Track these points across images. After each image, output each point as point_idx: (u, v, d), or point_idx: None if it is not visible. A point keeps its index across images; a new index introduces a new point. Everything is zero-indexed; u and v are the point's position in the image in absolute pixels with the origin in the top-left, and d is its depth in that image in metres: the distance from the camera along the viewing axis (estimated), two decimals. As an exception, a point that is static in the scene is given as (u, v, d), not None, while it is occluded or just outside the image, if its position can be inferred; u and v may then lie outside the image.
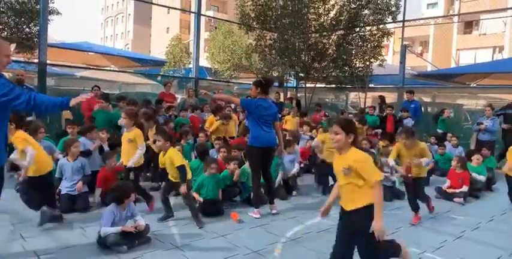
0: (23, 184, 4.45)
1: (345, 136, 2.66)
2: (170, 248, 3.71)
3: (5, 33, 8.83)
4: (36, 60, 8.89)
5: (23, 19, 8.76)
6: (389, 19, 11.80)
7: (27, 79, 10.85)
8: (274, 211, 4.94)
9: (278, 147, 5.06)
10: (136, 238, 3.69)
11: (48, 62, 9.01)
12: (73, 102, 2.96)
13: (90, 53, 14.75)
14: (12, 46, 9.44)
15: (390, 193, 6.04)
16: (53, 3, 9.01)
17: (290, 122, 8.85)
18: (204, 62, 18.36)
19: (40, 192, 4.17)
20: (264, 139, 4.76)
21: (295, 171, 6.26)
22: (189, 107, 8.85)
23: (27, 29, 8.93)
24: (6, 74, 10.86)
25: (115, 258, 3.44)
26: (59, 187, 4.88)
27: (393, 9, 11.51)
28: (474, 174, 6.48)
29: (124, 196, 3.76)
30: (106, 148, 5.90)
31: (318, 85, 13.45)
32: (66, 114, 8.30)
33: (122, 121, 5.06)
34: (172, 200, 5.46)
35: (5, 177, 3.74)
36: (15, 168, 5.35)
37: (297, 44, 12.27)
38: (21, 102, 2.80)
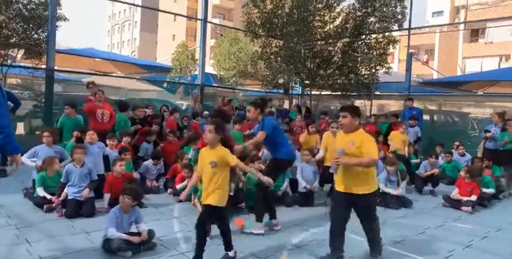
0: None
1: (214, 133, 3.37)
2: (175, 254, 3.68)
3: (13, 39, 8.88)
4: (44, 66, 8.96)
5: (31, 25, 8.79)
6: (395, 27, 11.79)
7: (34, 85, 10.99)
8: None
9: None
10: (141, 243, 3.67)
11: (55, 68, 9.09)
12: (17, 158, 3.03)
13: (96, 59, 14.84)
14: (21, 52, 9.52)
15: (396, 202, 5.99)
16: (61, 9, 9.09)
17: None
18: (209, 69, 18.45)
19: None
20: (292, 152, 4.83)
21: (317, 183, 6.02)
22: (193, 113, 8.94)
23: (35, 35, 8.96)
24: (14, 80, 11.02)
25: (120, 264, 3.43)
26: (65, 192, 4.88)
27: (399, 17, 11.49)
28: (484, 189, 6.42)
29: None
30: (114, 154, 5.93)
31: (323, 92, 13.43)
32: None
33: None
34: (178, 205, 5.47)
35: (11, 182, 3.75)
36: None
37: (302, 52, 12.28)
38: None
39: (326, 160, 6.04)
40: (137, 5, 16.97)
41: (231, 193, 4.71)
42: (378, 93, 13.00)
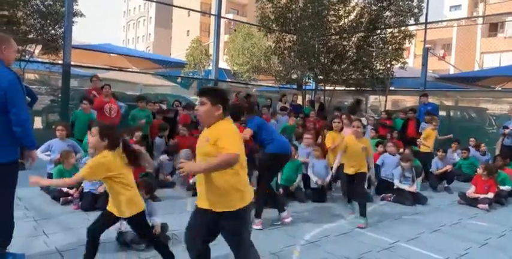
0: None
1: (98, 137, 2.96)
2: (188, 248, 3.71)
3: (31, 35, 9.02)
4: (60, 61, 9.09)
5: (48, 21, 8.90)
6: (411, 21, 11.59)
7: (51, 80, 11.17)
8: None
9: None
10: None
11: (71, 63, 9.21)
12: (32, 153, 3.15)
13: (112, 55, 15.00)
14: (38, 48, 9.67)
15: (411, 198, 5.92)
16: (77, 5, 9.20)
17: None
18: (223, 64, 18.47)
19: None
20: (284, 145, 4.69)
21: (330, 178, 5.93)
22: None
23: (52, 31, 9.08)
24: (32, 75, 11.21)
25: (134, 256, 3.47)
26: (82, 186, 4.97)
27: (415, 11, 11.28)
28: (500, 187, 6.31)
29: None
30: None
31: (337, 88, 13.31)
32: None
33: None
34: (191, 199, 5.51)
35: (28, 174, 3.81)
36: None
37: (316, 46, 12.18)
38: (14, 113, 2.91)
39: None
40: (152, 1, 17.06)
41: None
42: (393, 88, 12.83)
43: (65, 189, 5.01)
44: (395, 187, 6.12)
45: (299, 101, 12.64)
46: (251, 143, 4.62)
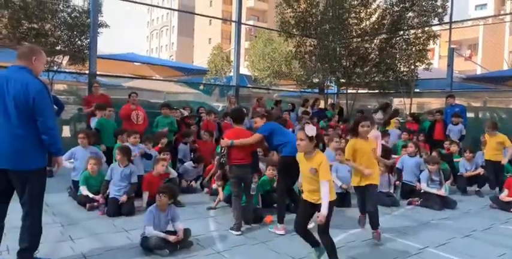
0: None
1: None
2: (211, 253, 3.71)
3: (59, 46, 9.33)
4: (86, 71, 9.35)
5: (75, 33, 9.21)
6: (435, 21, 11.33)
7: (79, 90, 11.51)
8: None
9: None
10: (178, 242, 3.72)
11: (97, 72, 9.47)
12: (59, 160, 3.23)
13: (136, 64, 15.35)
14: (66, 58, 10.01)
15: (440, 202, 5.73)
16: (102, 16, 9.48)
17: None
18: (244, 70, 18.57)
19: None
20: None
21: None
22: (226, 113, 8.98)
23: (78, 42, 9.37)
24: (61, 86, 11.57)
25: (157, 262, 3.49)
26: (108, 192, 5.05)
27: (439, 10, 11.03)
28: None
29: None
30: (154, 153, 6.14)
31: (360, 91, 13.13)
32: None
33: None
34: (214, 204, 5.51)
35: (56, 182, 3.92)
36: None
37: (337, 50, 12.08)
38: (42, 121, 2.99)
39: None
40: (174, 9, 17.40)
41: (253, 193, 4.70)
42: (418, 90, 12.54)
43: (90, 195, 5.11)
44: (422, 191, 5.95)
45: (321, 105, 12.52)
46: (256, 147, 4.62)
